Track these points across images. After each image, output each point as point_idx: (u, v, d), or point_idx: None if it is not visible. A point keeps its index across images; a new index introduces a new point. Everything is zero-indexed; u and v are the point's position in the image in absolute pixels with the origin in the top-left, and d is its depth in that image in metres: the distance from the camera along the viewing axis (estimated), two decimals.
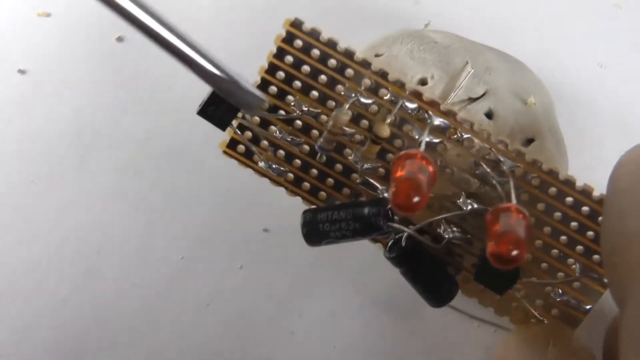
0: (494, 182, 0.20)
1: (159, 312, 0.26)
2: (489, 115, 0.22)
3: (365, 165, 0.21)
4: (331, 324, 0.26)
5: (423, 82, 0.23)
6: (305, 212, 0.20)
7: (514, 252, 0.16)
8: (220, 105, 0.20)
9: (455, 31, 0.24)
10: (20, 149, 0.27)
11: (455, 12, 0.24)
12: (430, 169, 0.17)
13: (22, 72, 0.27)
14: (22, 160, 0.27)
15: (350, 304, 0.26)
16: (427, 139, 0.20)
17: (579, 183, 0.20)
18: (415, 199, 0.16)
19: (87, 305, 0.26)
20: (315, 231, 0.20)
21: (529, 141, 0.22)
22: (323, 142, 0.19)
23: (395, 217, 0.20)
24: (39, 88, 0.27)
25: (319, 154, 0.20)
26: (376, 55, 0.23)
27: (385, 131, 0.18)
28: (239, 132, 0.21)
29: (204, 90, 0.27)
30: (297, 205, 0.27)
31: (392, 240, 0.21)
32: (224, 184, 0.27)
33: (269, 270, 0.26)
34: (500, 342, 0.23)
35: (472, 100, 0.22)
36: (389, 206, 0.19)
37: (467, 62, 0.22)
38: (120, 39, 0.28)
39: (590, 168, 0.23)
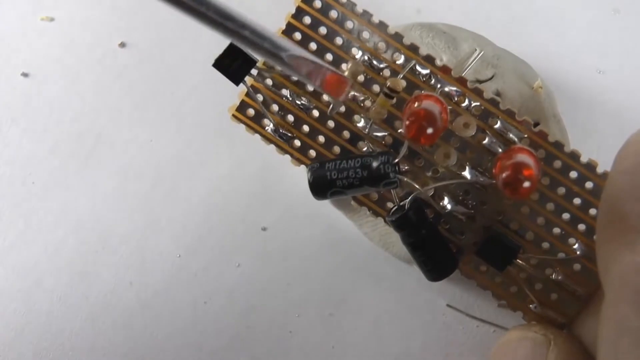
0: (500, 151, 0.20)
1: (156, 310, 0.26)
2: (497, 96, 0.22)
3: (373, 131, 0.21)
4: (330, 324, 0.26)
5: None
6: (312, 164, 0.20)
7: (526, 183, 0.16)
8: (236, 59, 0.20)
9: None
10: (22, 150, 0.27)
11: (454, 18, 0.25)
12: (444, 114, 0.18)
13: (25, 75, 0.28)
14: (24, 161, 0.27)
15: (349, 304, 0.26)
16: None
17: (584, 158, 0.20)
18: (429, 130, 0.16)
19: (85, 303, 0.26)
20: (322, 179, 0.19)
21: (535, 125, 0.22)
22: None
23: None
24: (41, 91, 0.28)
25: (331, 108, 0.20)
26: None
27: (399, 84, 0.19)
28: (251, 91, 0.21)
29: (204, 93, 0.28)
30: (296, 204, 0.27)
31: (396, 206, 0.21)
32: (223, 182, 0.27)
33: (267, 269, 0.26)
34: (501, 337, 0.22)
35: (480, 82, 0.22)
36: (397, 159, 0.19)
37: (476, 49, 0.23)
38: (122, 45, 0.28)
39: None
